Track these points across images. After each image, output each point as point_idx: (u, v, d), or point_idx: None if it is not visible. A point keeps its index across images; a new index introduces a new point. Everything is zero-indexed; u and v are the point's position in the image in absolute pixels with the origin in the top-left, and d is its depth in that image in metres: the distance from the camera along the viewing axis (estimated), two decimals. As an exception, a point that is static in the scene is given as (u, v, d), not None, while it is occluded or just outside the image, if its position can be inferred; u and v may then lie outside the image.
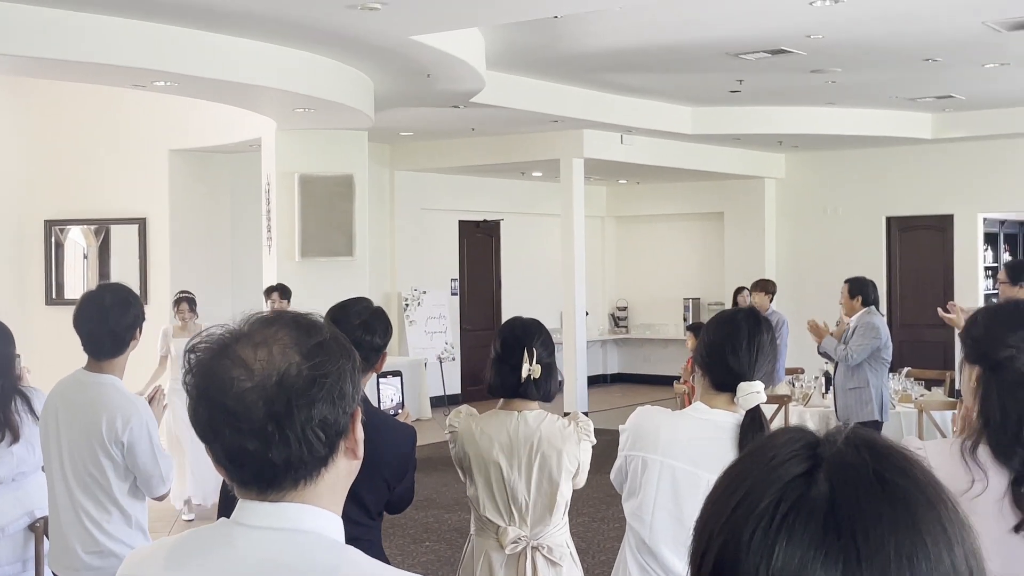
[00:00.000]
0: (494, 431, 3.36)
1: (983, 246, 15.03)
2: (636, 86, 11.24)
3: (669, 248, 16.70)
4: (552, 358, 3.42)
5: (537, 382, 3.35)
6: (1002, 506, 2.34)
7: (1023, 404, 2.34)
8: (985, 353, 2.42)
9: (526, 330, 3.42)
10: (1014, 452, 2.33)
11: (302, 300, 9.65)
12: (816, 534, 0.82)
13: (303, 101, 8.32)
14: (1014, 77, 10.77)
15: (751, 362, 2.66)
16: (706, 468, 2.59)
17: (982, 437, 2.37)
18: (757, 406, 2.61)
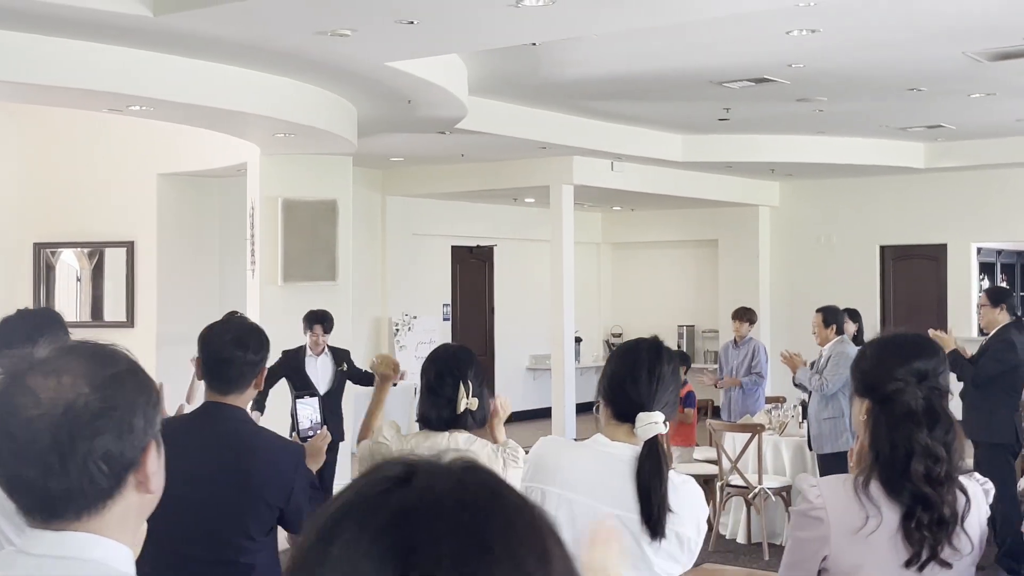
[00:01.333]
0: (424, 450, 3.34)
1: (979, 275, 14.98)
2: (625, 113, 11.26)
3: (664, 275, 16.69)
4: (483, 386, 3.40)
5: (473, 413, 3.33)
6: (895, 541, 2.32)
7: (911, 438, 2.32)
8: (874, 387, 2.40)
9: (459, 361, 3.38)
10: (903, 487, 2.32)
11: (285, 324, 9.66)
12: (377, 533, 0.82)
13: (282, 127, 8.35)
14: (1003, 108, 10.75)
15: (651, 393, 2.63)
16: (604, 501, 2.56)
17: (873, 472, 2.35)
18: (655, 437, 2.58)
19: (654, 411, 2.60)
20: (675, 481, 2.57)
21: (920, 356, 2.41)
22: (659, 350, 2.70)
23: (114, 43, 6.64)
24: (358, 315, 13.17)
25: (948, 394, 2.43)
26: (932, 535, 2.30)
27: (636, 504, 2.52)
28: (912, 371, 2.38)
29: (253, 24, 6.20)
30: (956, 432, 2.37)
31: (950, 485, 2.32)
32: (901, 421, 2.34)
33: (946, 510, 2.31)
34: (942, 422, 2.34)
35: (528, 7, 5.75)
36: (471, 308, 15.12)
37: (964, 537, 2.33)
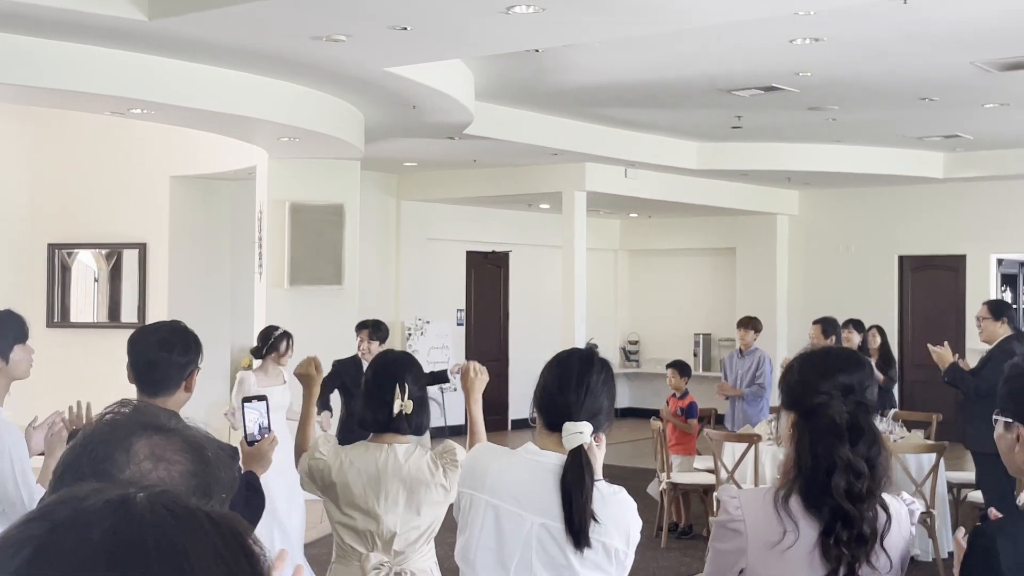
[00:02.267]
0: (362, 463, 3.35)
1: (1001, 286, 14.82)
2: (637, 120, 11.23)
3: (681, 283, 16.61)
4: (424, 392, 3.41)
5: (409, 417, 3.35)
6: (813, 557, 2.29)
7: (833, 452, 2.29)
8: (799, 399, 2.38)
9: (398, 364, 3.42)
10: (823, 502, 2.29)
11: (290, 327, 9.70)
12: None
13: (287, 131, 8.39)
14: (1019, 118, 10.63)
15: (578, 402, 2.62)
16: (530, 509, 2.55)
17: (795, 486, 2.33)
18: (580, 447, 2.56)
19: (581, 421, 2.59)
20: (603, 492, 2.56)
21: (845, 370, 2.38)
22: (590, 360, 2.69)
23: (112, 46, 6.70)
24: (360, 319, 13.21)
25: (875, 409, 2.40)
26: (850, 552, 2.27)
27: (561, 513, 2.52)
28: (837, 385, 2.35)
29: (247, 29, 6.24)
30: (881, 447, 2.34)
31: (871, 501, 2.29)
32: (824, 435, 2.31)
33: (866, 527, 2.27)
34: (866, 437, 2.31)
35: (518, 14, 5.75)
36: (486, 313, 15.13)
37: (883, 556, 2.29)
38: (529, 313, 15.34)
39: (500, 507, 2.58)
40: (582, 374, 2.65)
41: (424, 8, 5.79)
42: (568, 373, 2.66)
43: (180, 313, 11.16)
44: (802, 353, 2.53)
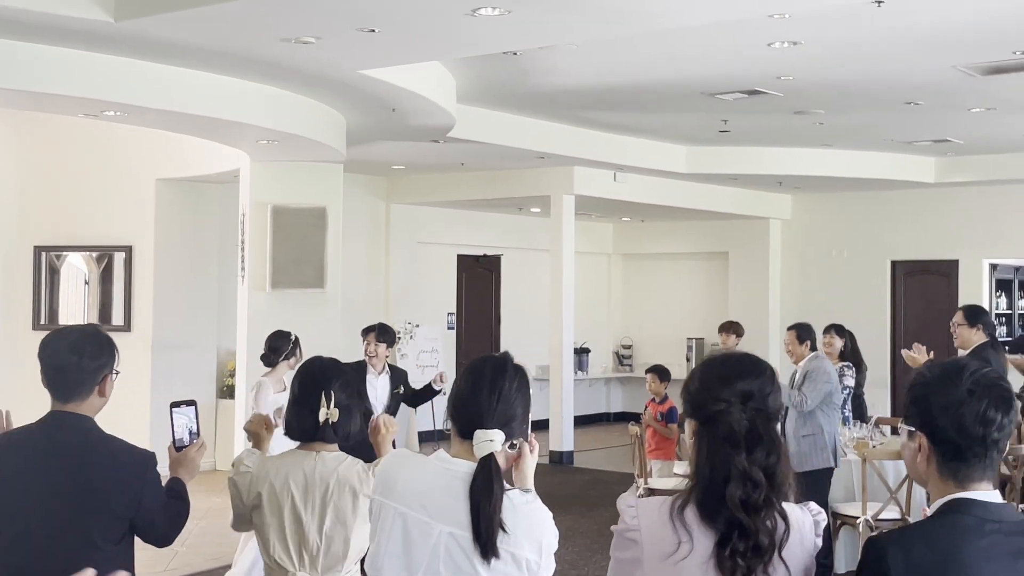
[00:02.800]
0: (290, 470, 3.31)
1: (995, 292, 14.74)
2: (625, 124, 11.20)
3: (674, 287, 16.56)
4: (352, 400, 3.37)
5: (335, 425, 3.32)
6: (707, 569, 2.24)
7: (729, 461, 2.24)
8: (699, 407, 2.33)
9: (324, 372, 3.38)
10: (719, 512, 2.24)
11: (271, 329, 9.67)
12: None
13: (265, 134, 8.37)
14: (1007, 122, 10.58)
15: (490, 409, 2.57)
16: (438, 518, 2.51)
17: (691, 496, 2.28)
18: (491, 455, 2.52)
19: (492, 429, 2.55)
20: (515, 501, 2.51)
21: (745, 377, 2.32)
22: (503, 367, 2.64)
23: (82, 48, 6.68)
24: (360, 323, 13.15)
25: (776, 416, 2.35)
26: (745, 563, 2.22)
27: (469, 522, 2.47)
28: (736, 392, 2.29)
29: (214, 30, 6.22)
30: (780, 456, 2.28)
31: (768, 511, 2.24)
32: (721, 443, 2.26)
33: (763, 538, 2.22)
34: (763, 445, 2.26)
35: (484, 16, 5.72)
36: (477, 317, 15.09)
37: (781, 567, 2.24)
38: (521, 317, 15.30)
39: (408, 515, 2.53)
40: (494, 381, 2.60)
41: (390, 9, 5.76)
42: (480, 380, 2.62)
43: (166, 316, 11.22)
44: (704, 360, 2.48)
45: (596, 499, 10.29)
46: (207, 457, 11.34)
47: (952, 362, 2.14)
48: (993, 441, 2.07)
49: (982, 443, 2.07)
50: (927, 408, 2.09)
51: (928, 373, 2.13)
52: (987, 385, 2.07)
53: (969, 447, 2.07)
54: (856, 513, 7.21)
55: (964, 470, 2.09)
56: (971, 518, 2.05)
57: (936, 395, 2.08)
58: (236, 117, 7.84)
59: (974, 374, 2.08)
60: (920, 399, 2.12)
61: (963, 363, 2.12)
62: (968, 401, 2.05)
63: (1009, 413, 2.08)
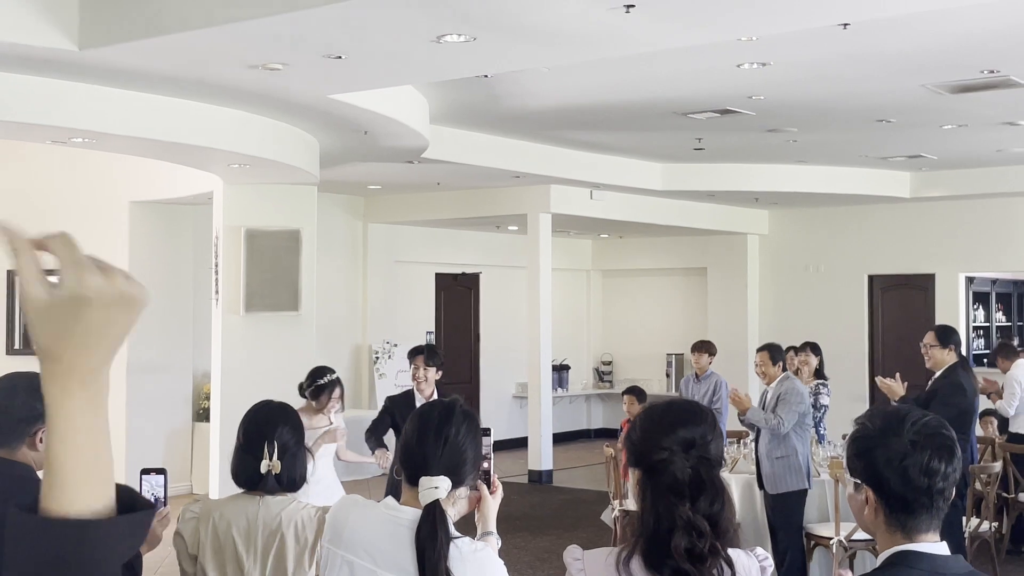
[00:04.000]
0: (233, 515, 3.27)
1: (973, 305, 14.80)
2: (600, 143, 11.21)
3: (654, 303, 16.58)
4: (299, 446, 3.32)
5: (280, 475, 3.27)
6: None
7: (673, 510, 2.23)
8: (641, 457, 2.32)
9: (268, 420, 3.33)
10: (664, 562, 2.22)
11: (247, 354, 9.64)
12: None
13: (236, 158, 8.33)
14: (979, 138, 10.64)
15: (436, 456, 2.55)
16: (384, 566, 2.48)
17: (637, 547, 2.27)
18: (436, 502, 2.49)
19: (438, 476, 2.53)
20: (462, 549, 2.49)
21: (686, 424, 2.32)
22: (450, 413, 2.62)
23: (48, 76, 6.64)
24: (338, 343, 13.15)
25: (719, 463, 2.34)
26: None
27: (416, 570, 2.45)
28: (678, 440, 2.29)
29: (180, 58, 6.19)
30: (724, 503, 2.28)
31: (714, 559, 2.23)
32: (664, 493, 2.25)
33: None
34: (707, 493, 2.25)
35: (450, 43, 5.71)
36: (456, 335, 15.05)
37: None
38: (500, 334, 15.28)
39: (355, 563, 2.51)
40: (440, 428, 2.58)
41: (356, 37, 5.74)
42: (427, 427, 2.60)
43: (141, 339, 11.14)
44: (645, 408, 2.47)
45: (574, 520, 10.26)
46: (183, 480, 11.32)
47: (893, 412, 2.13)
48: (939, 491, 2.07)
49: (927, 494, 2.07)
50: (871, 462, 2.09)
51: (870, 424, 2.13)
52: (929, 435, 2.07)
53: (915, 499, 2.07)
54: (829, 534, 7.20)
55: (911, 522, 2.08)
56: (918, 571, 2.05)
57: (879, 448, 2.08)
58: (206, 142, 7.80)
59: (915, 424, 2.08)
60: (864, 452, 2.11)
61: (904, 413, 2.12)
62: (911, 453, 2.05)
63: (952, 462, 2.08)
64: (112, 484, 1.08)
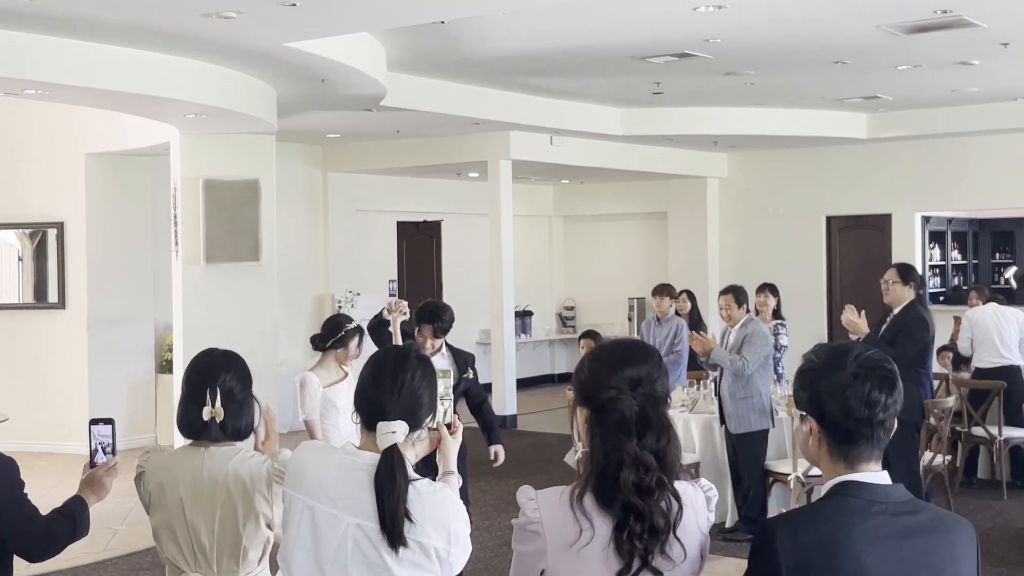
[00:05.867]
0: (179, 468, 3.22)
1: (929, 244, 15.00)
2: (560, 88, 11.20)
3: (615, 248, 16.67)
4: (245, 393, 3.27)
5: (223, 423, 3.22)
6: (607, 554, 2.30)
7: (622, 447, 2.29)
8: (589, 396, 2.37)
9: (210, 368, 3.26)
10: (615, 498, 2.29)
11: (208, 306, 9.63)
12: None
13: (192, 108, 8.27)
14: (934, 79, 10.73)
15: (392, 401, 2.60)
16: (345, 509, 2.53)
17: (588, 484, 2.33)
18: (394, 446, 2.54)
19: (395, 420, 2.57)
20: (421, 491, 2.53)
21: (632, 363, 2.36)
22: (404, 359, 2.66)
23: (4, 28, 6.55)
24: (300, 293, 13.16)
25: (665, 400, 2.40)
26: (643, 545, 2.28)
27: (376, 513, 2.50)
28: (624, 379, 2.34)
29: (132, 6, 6.13)
30: (671, 438, 2.34)
31: (662, 493, 2.30)
32: (612, 430, 2.31)
33: (659, 519, 2.28)
34: (654, 429, 2.31)
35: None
36: (419, 283, 15.07)
37: (677, 545, 2.30)
38: (463, 281, 15.31)
39: (316, 507, 2.55)
40: (396, 373, 2.62)
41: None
42: (382, 372, 2.64)
43: (101, 292, 11.10)
44: (593, 349, 2.52)
45: (538, 463, 10.39)
46: (147, 432, 11.31)
47: (838, 347, 2.20)
48: (879, 422, 2.14)
49: (868, 424, 2.13)
50: (815, 393, 2.15)
51: (816, 359, 2.19)
52: (871, 368, 2.13)
53: (856, 429, 2.13)
54: (788, 470, 7.36)
55: (852, 451, 2.15)
56: (858, 500, 2.11)
57: (823, 380, 2.14)
58: (161, 92, 7.74)
59: (858, 357, 2.14)
60: (808, 385, 2.18)
61: (848, 347, 2.18)
62: (853, 384, 2.11)
63: (893, 393, 2.15)
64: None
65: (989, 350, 9.09)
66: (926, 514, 2.16)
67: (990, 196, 13.59)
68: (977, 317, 9.29)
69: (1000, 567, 6.94)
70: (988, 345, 9.10)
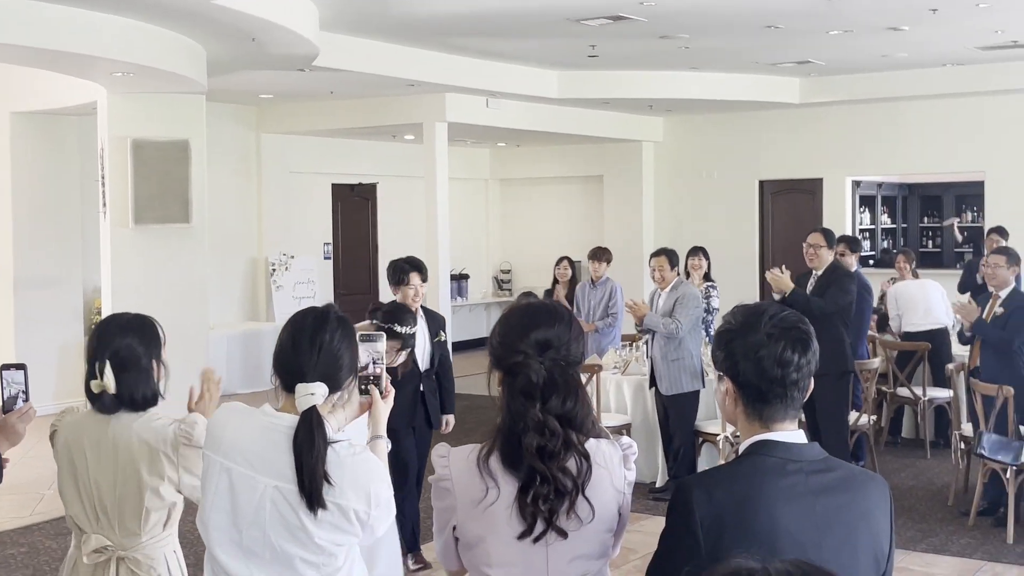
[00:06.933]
0: (87, 428, 3.18)
1: (860, 208, 15.22)
2: (495, 50, 11.14)
3: (551, 211, 16.69)
4: (150, 359, 3.16)
5: (120, 393, 3.12)
6: (511, 514, 2.32)
7: (526, 413, 2.31)
8: (500, 359, 2.38)
9: (104, 334, 3.16)
10: (520, 459, 2.31)
11: (138, 268, 9.49)
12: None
13: (119, 66, 8.10)
14: (864, 44, 10.84)
15: (311, 362, 2.56)
16: (263, 471, 2.51)
17: (496, 445, 2.35)
18: (313, 408, 2.51)
19: (314, 382, 2.56)
20: (341, 454, 2.51)
21: (540, 326, 2.36)
22: (324, 319, 2.62)
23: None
24: (233, 255, 13.02)
25: (578, 362, 2.41)
26: (547, 507, 2.29)
27: (294, 475, 2.49)
28: (532, 343, 2.34)
29: (54, -38, 5.97)
30: (579, 399, 2.35)
31: (568, 455, 2.31)
32: (518, 395, 2.32)
33: (565, 481, 2.30)
34: (559, 392, 2.32)
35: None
36: (354, 247, 14.99)
37: (586, 505, 2.32)
38: (399, 245, 15.12)
39: (233, 469, 2.52)
40: (315, 334, 2.58)
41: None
42: (301, 333, 2.59)
43: (27, 253, 10.87)
44: (505, 312, 2.53)
45: (473, 425, 10.42)
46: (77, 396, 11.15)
47: (754, 307, 2.20)
48: (792, 382, 2.13)
49: (781, 384, 2.13)
50: (731, 353, 2.16)
51: (733, 320, 2.20)
52: (785, 328, 2.13)
53: (770, 389, 2.13)
54: (716, 431, 7.46)
55: (767, 411, 2.16)
56: (773, 459, 2.13)
57: (738, 340, 2.15)
58: (88, 50, 7.57)
59: (773, 318, 2.14)
60: (725, 345, 2.19)
61: (763, 308, 2.19)
62: (766, 344, 2.11)
63: (807, 353, 2.14)
64: None
65: (917, 314, 9.28)
66: (839, 472, 2.18)
67: (919, 161, 13.81)
68: (902, 291, 9.50)
69: (922, 523, 7.13)
70: (916, 310, 9.30)
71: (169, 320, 3.72)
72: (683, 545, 2.07)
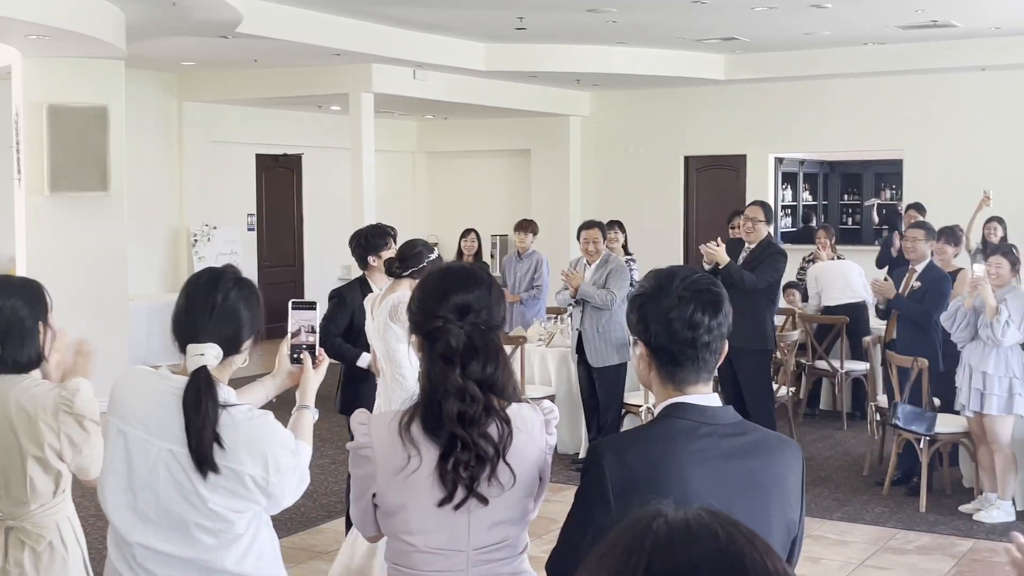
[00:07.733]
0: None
1: (782, 185, 15.42)
2: (422, 21, 11.04)
3: (478, 184, 16.65)
4: (35, 321, 3.07)
5: (2, 357, 3.04)
6: (433, 480, 2.31)
7: (446, 378, 2.29)
8: (419, 324, 2.36)
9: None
10: (441, 425, 2.29)
11: (54, 236, 9.28)
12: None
13: (33, 28, 7.89)
14: (789, 23, 10.96)
15: (204, 323, 2.52)
16: (156, 434, 2.47)
17: (417, 411, 2.33)
18: (203, 368, 2.47)
19: (206, 343, 2.51)
20: (236, 417, 2.47)
21: (458, 291, 2.34)
22: (218, 280, 2.57)
23: None
24: (154, 225, 12.79)
25: (499, 326, 2.40)
26: (468, 473, 2.28)
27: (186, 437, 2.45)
28: (451, 307, 2.32)
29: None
30: (500, 363, 2.33)
31: (489, 421, 2.30)
32: (437, 360, 2.30)
33: (487, 447, 2.29)
34: (480, 357, 2.31)
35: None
36: (278, 218, 14.82)
37: (506, 470, 2.32)
38: (324, 217, 15.10)
39: (128, 432, 2.48)
40: (208, 294, 2.54)
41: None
42: (195, 294, 2.56)
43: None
44: (422, 279, 2.50)
45: (398, 397, 10.40)
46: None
47: (666, 272, 2.19)
48: (704, 344, 2.13)
49: (692, 346, 2.12)
50: (643, 316, 2.15)
51: (647, 284, 2.20)
52: (696, 290, 2.13)
53: (681, 351, 2.13)
54: (639, 402, 7.53)
55: (679, 373, 2.15)
56: (686, 422, 2.13)
57: (650, 304, 2.14)
58: (0, 11, 7.35)
59: (684, 280, 2.14)
60: (637, 308, 2.18)
61: (675, 271, 2.18)
62: (677, 306, 2.11)
63: (717, 316, 2.13)
64: None
65: (836, 289, 9.44)
66: (753, 435, 2.19)
67: (841, 139, 14.02)
68: (821, 270, 9.66)
69: (838, 493, 7.27)
70: (835, 285, 9.45)
71: (87, 291, 3.65)
72: (595, 507, 2.08)
